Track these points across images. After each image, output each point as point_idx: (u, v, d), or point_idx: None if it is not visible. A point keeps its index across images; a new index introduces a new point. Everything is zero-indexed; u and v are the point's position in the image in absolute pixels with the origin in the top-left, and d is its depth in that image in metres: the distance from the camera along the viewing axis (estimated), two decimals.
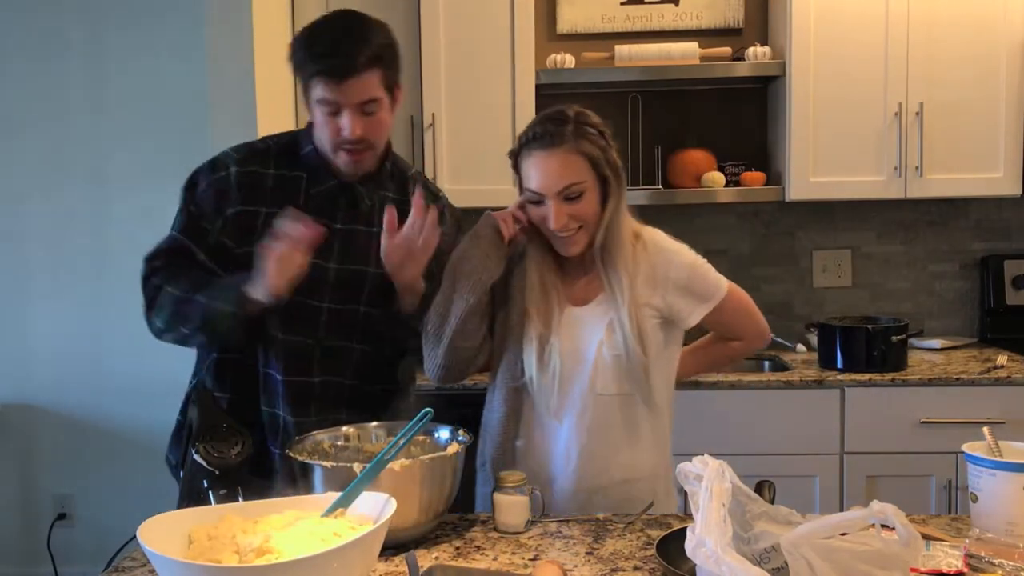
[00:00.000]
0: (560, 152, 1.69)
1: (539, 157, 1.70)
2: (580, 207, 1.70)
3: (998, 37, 3.01)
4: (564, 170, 1.69)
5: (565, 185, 1.69)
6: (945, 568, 1.31)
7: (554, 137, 1.69)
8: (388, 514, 1.26)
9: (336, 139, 1.76)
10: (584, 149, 1.70)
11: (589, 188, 1.71)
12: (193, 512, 1.32)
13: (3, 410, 3.62)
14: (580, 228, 1.72)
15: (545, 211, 1.71)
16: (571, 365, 1.74)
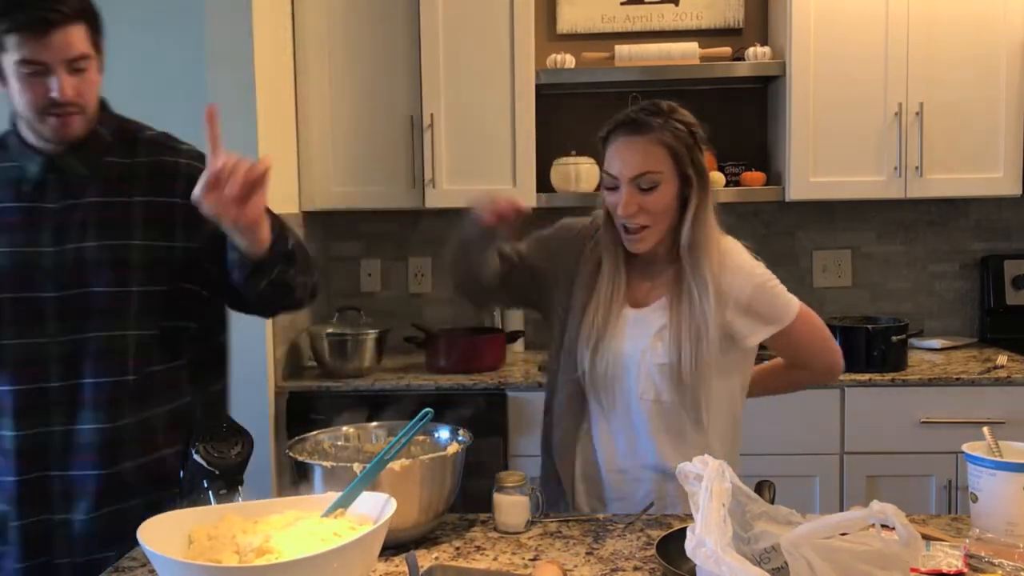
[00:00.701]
0: (643, 140, 1.69)
1: (622, 142, 1.70)
2: (652, 199, 1.68)
3: (998, 37, 3.01)
4: (643, 157, 1.68)
5: (641, 172, 1.67)
6: (945, 568, 1.31)
7: (641, 125, 1.69)
8: (388, 514, 1.25)
9: (42, 102, 1.56)
10: (668, 141, 1.70)
11: (666, 181, 1.69)
12: (193, 512, 1.32)
13: None
14: (647, 227, 1.70)
15: (617, 198, 1.69)
16: (618, 367, 1.73)
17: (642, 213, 1.68)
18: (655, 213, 1.69)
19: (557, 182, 3.18)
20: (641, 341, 1.73)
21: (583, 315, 1.76)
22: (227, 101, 2.78)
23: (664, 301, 1.75)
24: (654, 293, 1.77)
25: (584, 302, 1.76)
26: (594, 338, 1.73)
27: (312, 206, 3.16)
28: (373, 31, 3.10)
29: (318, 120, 3.12)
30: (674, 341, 1.69)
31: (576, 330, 1.76)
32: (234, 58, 2.77)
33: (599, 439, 1.77)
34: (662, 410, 1.73)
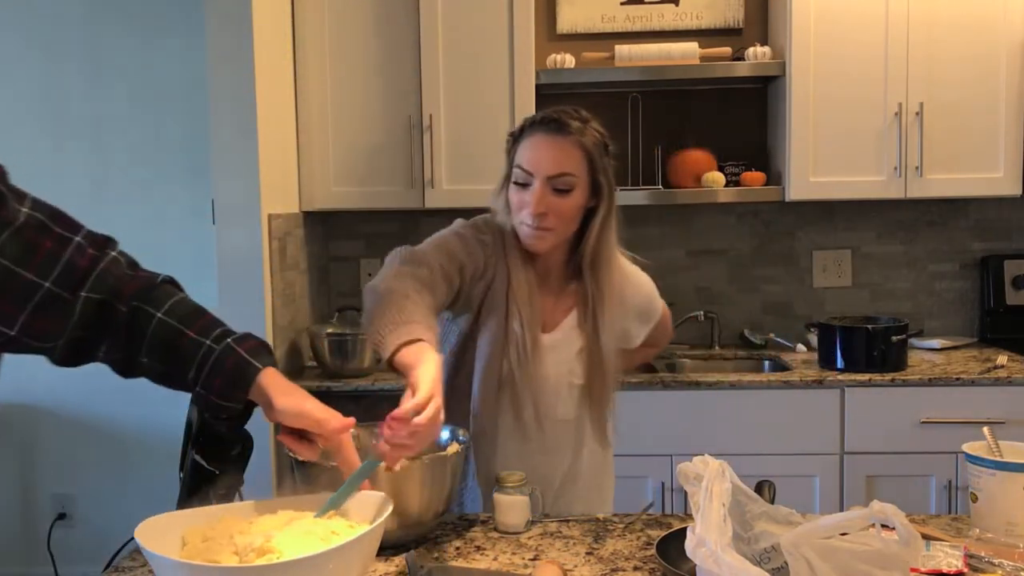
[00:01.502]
0: (564, 140, 1.66)
1: (542, 139, 1.67)
2: (564, 202, 1.66)
3: (998, 37, 3.01)
4: (562, 157, 1.65)
5: (559, 172, 1.65)
6: (945, 568, 1.31)
7: (563, 125, 1.66)
8: (386, 513, 1.25)
9: None
10: (587, 146, 1.67)
11: (578, 187, 1.67)
12: (190, 513, 1.32)
13: (3, 410, 3.62)
14: (551, 230, 1.67)
15: (527, 196, 1.65)
16: (537, 394, 1.74)
17: (551, 215, 1.65)
18: (563, 217, 1.67)
19: None
20: (563, 366, 1.75)
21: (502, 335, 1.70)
22: (227, 101, 2.78)
23: (572, 320, 1.76)
24: (559, 313, 1.77)
25: (500, 322, 1.70)
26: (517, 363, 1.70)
27: (312, 206, 3.16)
28: (373, 31, 3.10)
29: (318, 120, 3.12)
30: (592, 362, 1.74)
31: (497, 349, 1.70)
32: (234, 58, 2.77)
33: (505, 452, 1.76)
34: (576, 427, 1.80)
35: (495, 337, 1.70)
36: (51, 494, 3.65)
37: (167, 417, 3.44)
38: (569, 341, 1.76)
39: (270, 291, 2.85)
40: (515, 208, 1.69)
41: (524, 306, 1.70)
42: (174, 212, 3.53)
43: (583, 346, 1.75)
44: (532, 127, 1.69)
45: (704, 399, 2.82)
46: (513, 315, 1.70)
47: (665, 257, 3.44)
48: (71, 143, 3.53)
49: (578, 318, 1.76)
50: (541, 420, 1.75)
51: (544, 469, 1.77)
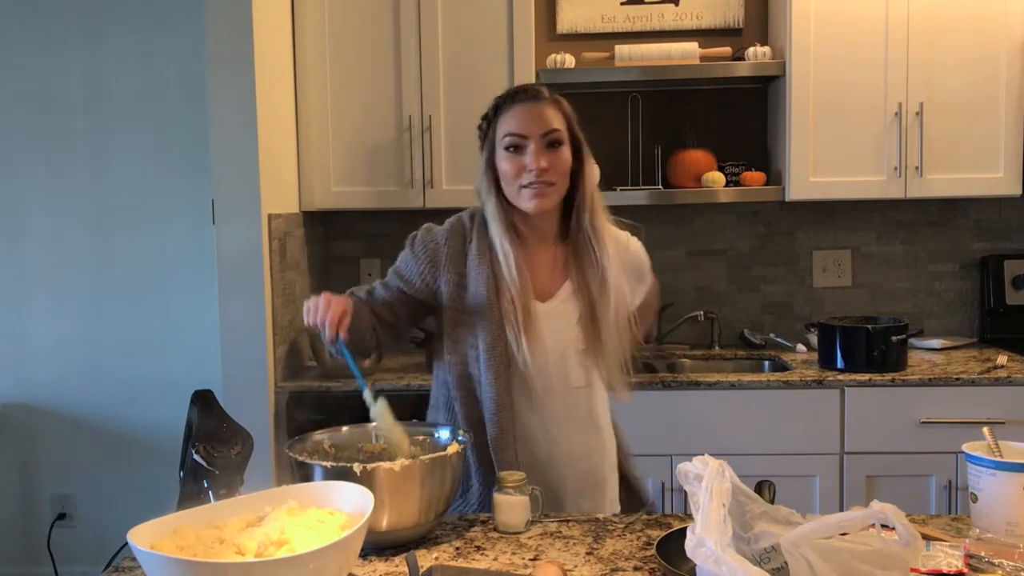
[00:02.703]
0: (543, 103, 1.76)
1: (525, 106, 1.75)
2: (558, 156, 1.74)
3: (998, 37, 3.01)
4: (548, 116, 1.75)
5: (550, 128, 1.73)
6: (945, 568, 1.31)
7: (538, 92, 1.78)
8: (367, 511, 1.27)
9: None
10: (562, 108, 1.78)
11: (565, 142, 1.76)
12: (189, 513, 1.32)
13: (3, 410, 3.62)
14: (554, 184, 1.74)
15: (524, 159, 1.73)
16: (548, 362, 1.77)
17: (551, 170, 1.73)
18: (561, 171, 1.75)
19: None
20: (566, 333, 1.78)
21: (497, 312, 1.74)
22: (227, 101, 2.78)
23: (568, 287, 1.80)
24: (554, 282, 1.81)
25: (491, 299, 1.75)
26: (518, 334, 1.74)
27: (312, 206, 3.16)
28: (373, 31, 3.10)
29: (318, 120, 3.12)
30: (594, 325, 1.77)
31: (494, 327, 1.74)
32: (234, 58, 2.77)
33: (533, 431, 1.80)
34: (589, 395, 1.83)
35: (490, 318, 1.74)
36: (51, 494, 3.65)
37: (167, 417, 3.45)
38: (568, 308, 1.80)
39: (270, 291, 2.85)
40: (512, 175, 1.74)
41: (511, 282, 1.74)
42: (174, 212, 3.53)
43: (583, 309, 1.78)
44: (510, 100, 1.77)
45: (704, 399, 2.82)
46: (503, 293, 1.75)
47: (665, 257, 3.44)
48: (71, 143, 3.53)
49: (574, 283, 1.80)
50: (553, 391, 1.79)
51: (566, 444, 1.80)
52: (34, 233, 3.57)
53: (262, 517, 1.33)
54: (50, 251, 3.57)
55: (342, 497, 1.36)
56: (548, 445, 1.80)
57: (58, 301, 3.58)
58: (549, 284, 1.81)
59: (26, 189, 3.56)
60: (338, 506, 1.35)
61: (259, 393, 2.81)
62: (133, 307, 3.57)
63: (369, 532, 1.33)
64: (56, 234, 3.56)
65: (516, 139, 1.73)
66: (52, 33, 3.50)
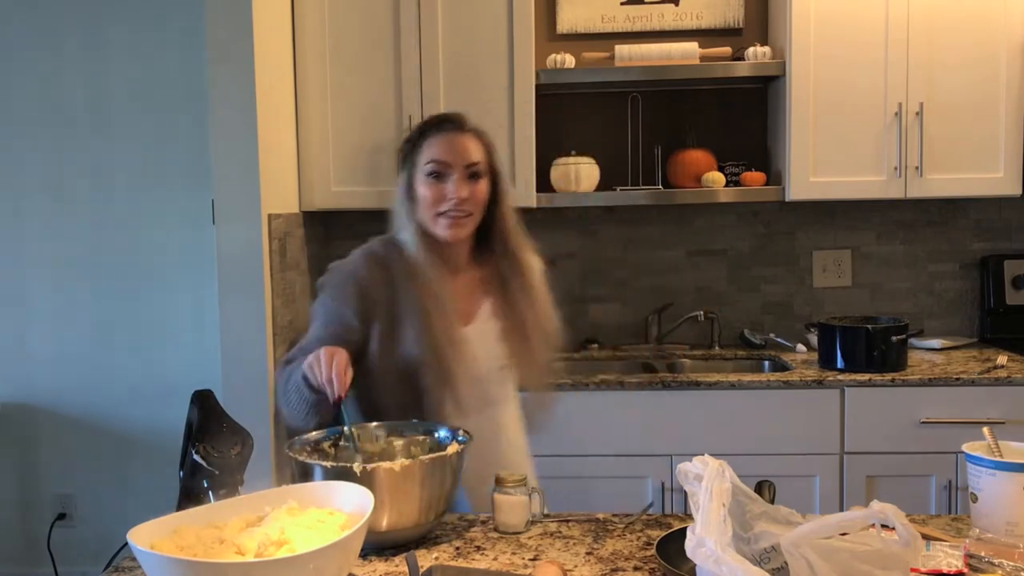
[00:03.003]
0: (467, 135, 1.83)
1: (450, 134, 1.81)
2: (477, 188, 1.81)
3: (998, 37, 3.01)
4: (472, 148, 1.81)
5: (473, 160, 1.80)
6: (945, 568, 1.31)
7: (463, 122, 1.85)
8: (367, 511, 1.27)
9: None
10: (484, 140, 1.85)
11: (485, 175, 1.83)
12: (187, 513, 1.32)
13: (3, 410, 3.62)
14: (471, 215, 1.81)
15: (445, 187, 1.78)
16: (471, 384, 1.82)
17: (470, 200, 1.79)
18: (479, 202, 1.82)
19: (557, 182, 3.18)
20: (489, 351, 1.85)
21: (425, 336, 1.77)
22: (227, 101, 2.78)
23: (488, 308, 1.87)
24: (473, 304, 1.87)
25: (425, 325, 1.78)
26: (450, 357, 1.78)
27: (312, 206, 3.16)
28: (373, 31, 3.10)
29: (318, 120, 3.12)
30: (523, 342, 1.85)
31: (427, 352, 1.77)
32: (234, 58, 2.76)
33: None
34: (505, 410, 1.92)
35: (419, 342, 1.78)
36: (51, 494, 3.65)
37: (167, 417, 3.45)
38: (488, 328, 1.87)
39: (270, 291, 2.85)
40: (431, 202, 1.79)
41: (438, 308, 1.79)
42: (174, 212, 3.53)
43: (507, 328, 1.86)
44: (436, 127, 1.83)
45: (704, 399, 2.82)
46: (433, 319, 1.78)
47: (665, 257, 3.44)
48: (70, 142, 3.53)
49: (494, 304, 1.87)
50: (482, 407, 1.86)
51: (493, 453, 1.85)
52: (34, 233, 3.57)
53: (262, 517, 1.33)
54: (50, 251, 3.57)
55: (342, 497, 1.36)
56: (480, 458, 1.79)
57: (58, 301, 3.58)
58: (468, 307, 1.87)
59: (26, 189, 3.56)
60: (338, 506, 1.35)
61: (259, 393, 2.81)
62: (133, 307, 3.57)
63: (369, 532, 1.33)
64: (56, 234, 3.56)
65: (439, 167, 1.79)
66: (52, 33, 3.50)
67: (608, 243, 3.45)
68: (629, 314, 3.46)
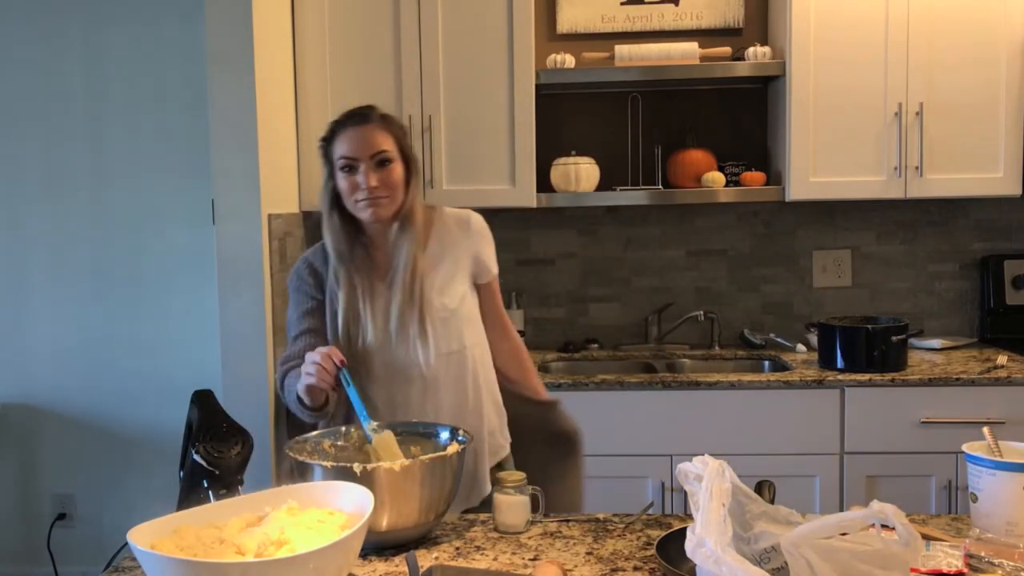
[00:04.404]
0: (371, 126, 1.93)
1: (353, 130, 1.93)
2: (388, 174, 1.92)
3: (998, 37, 3.01)
4: (377, 138, 1.92)
5: (378, 150, 1.91)
6: (945, 568, 1.31)
7: (365, 116, 1.95)
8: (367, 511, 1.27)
9: None
10: (391, 129, 1.96)
11: (395, 160, 1.93)
12: (187, 513, 1.32)
13: (3, 410, 3.62)
14: (387, 197, 1.92)
15: (356, 178, 1.91)
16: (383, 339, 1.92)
17: (382, 186, 1.91)
18: (391, 185, 1.92)
19: (557, 182, 3.19)
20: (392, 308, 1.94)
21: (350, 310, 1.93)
22: (227, 101, 2.78)
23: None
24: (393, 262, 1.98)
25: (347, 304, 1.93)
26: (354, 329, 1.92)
27: (312, 206, 3.15)
28: (373, 31, 3.10)
29: (318, 120, 3.12)
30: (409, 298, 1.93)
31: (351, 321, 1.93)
32: (234, 58, 2.76)
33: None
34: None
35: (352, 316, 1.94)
36: (51, 494, 3.65)
37: (167, 417, 3.45)
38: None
39: (270, 291, 2.85)
40: (348, 193, 1.94)
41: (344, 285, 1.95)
42: (174, 212, 3.53)
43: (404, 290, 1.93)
44: (341, 124, 1.96)
45: (704, 399, 2.82)
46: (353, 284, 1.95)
47: (665, 257, 3.45)
48: (71, 142, 3.53)
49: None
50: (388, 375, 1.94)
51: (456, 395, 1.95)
52: (34, 233, 3.57)
53: (262, 517, 1.33)
54: (50, 251, 3.57)
55: (342, 497, 1.36)
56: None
57: (58, 301, 3.58)
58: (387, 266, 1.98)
59: (26, 189, 3.56)
60: (338, 506, 1.35)
61: (259, 393, 2.81)
62: (133, 307, 3.57)
63: (369, 532, 1.33)
64: (56, 234, 3.56)
65: (348, 161, 1.92)
66: (52, 32, 3.50)
67: (608, 243, 3.45)
68: (629, 314, 3.46)
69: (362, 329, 1.91)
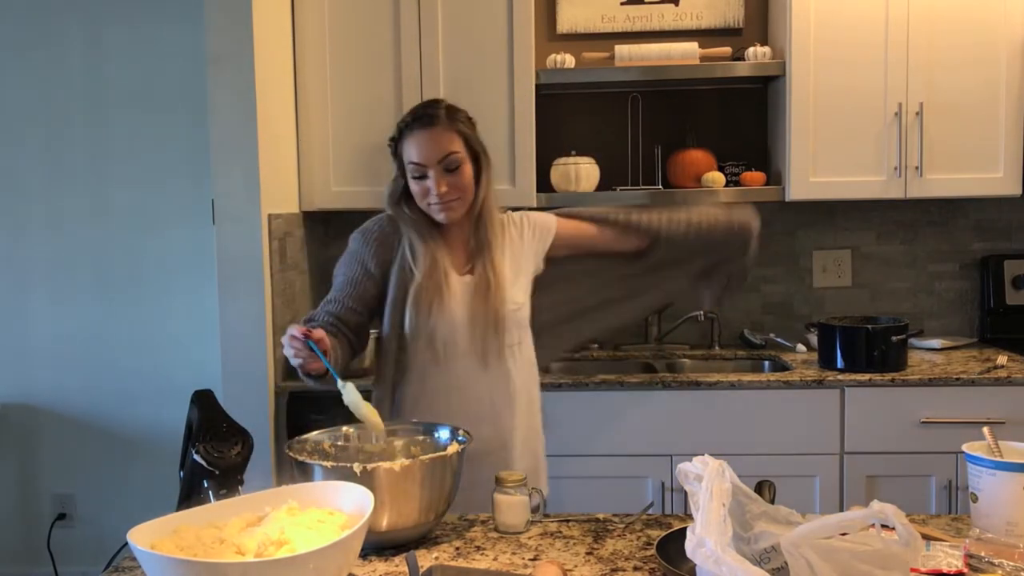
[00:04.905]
0: (438, 129, 1.92)
1: (419, 135, 1.92)
2: (458, 177, 1.93)
3: (998, 37, 3.01)
4: (442, 141, 1.91)
5: (445, 154, 1.91)
6: (945, 568, 1.31)
7: (431, 117, 1.93)
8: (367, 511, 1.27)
9: None
10: (458, 127, 1.95)
11: (465, 160, 1.94)
12: (187, 513, 1.32)
13: (3, 410, 3.62)
14: (458, 199, 1.93)
15: (428, 184, 1.92)
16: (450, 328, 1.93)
17: (452, 190, 1.92)
18: (461, 188, 1.94)
19: (557, 182, 3.19)
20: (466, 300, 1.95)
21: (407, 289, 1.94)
22: (227, 101, 2.78)
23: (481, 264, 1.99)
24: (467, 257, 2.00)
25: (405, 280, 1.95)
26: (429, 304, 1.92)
27: (312, 206, 3.16)
28: (373, 31, 3.10)
29: (318, 120, 3.12)
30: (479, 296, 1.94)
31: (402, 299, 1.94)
32: (234, 58, 2.77)
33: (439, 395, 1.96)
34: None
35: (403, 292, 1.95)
36: (51, 494, 3.66)
37: (167, 417, 3.45)
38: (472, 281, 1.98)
39: (270, 291, 2.85)
40: (419, 196, 1.95)
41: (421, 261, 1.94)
42: (174, 212, 3.53)
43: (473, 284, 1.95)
44: (408, 127, 1.95)
45: (704, 399, 2.82)
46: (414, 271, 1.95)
47: None
48: (71, 142, 3.53)
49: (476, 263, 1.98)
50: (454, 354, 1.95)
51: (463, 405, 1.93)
52: (34, 233, 3.57)
53: (262, 517, 1.33)
54: (50, 251, 3.57)
55: (342, 497, 1.36)
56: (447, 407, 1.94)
57: (58, 301, 3.58)
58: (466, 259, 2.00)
59: (26, 189, 3.56)
60: (338, 506, 1.35)
61: (259, 393, 2.81)
62: (133, 307, 3.57)
63: (369, 532, 1.33)
64: (56, 234, 3.56)
65: (417, 168, 1.92)
66: (52, 33, 3.50)
67: None
68: None
69: (433, 308, 1.92)
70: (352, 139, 3.12)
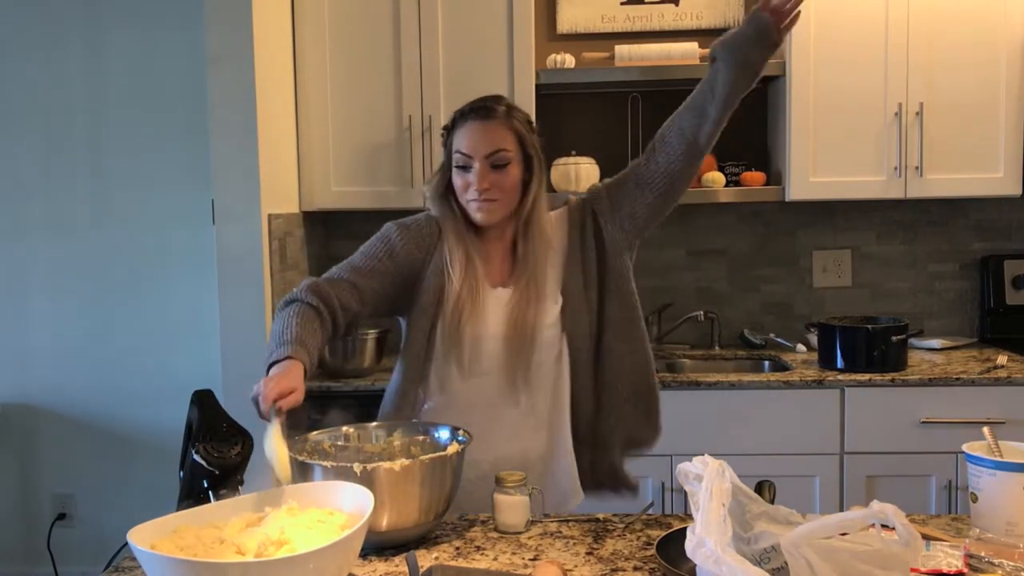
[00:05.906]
0: (493, 123, 1.82)
1: (473, 125, 1.83)
2: (503, 176, 1.81)
3: (998, 37, 3.01)
4: (495, 137, 1.81)
5: (494, 150, 1.80)
6: (945, 568, 1.31)
7: (489, 111, 1.84)
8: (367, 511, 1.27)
9: None
10: (514, 126, 1.84)
11: (514, 161, 1.82)
12: (187, 513, 1.32)
13: (3, 410, 3.62)
14: (497, 200, 1.82)
15: (470, 177, 1.81)
16: (479, 342, 1.83)
17: (494, 188, 1.81)
18: (505, 189, 1.82)
19: (557, 182, 3.18)
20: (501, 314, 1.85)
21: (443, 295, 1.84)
22: (227, 101, 2.78)
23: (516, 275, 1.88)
24: (506, 267, 1.89)
25: (440, 285, 1.84)
26: (460, 314, 1.82)
27: (312, 206, 3.16)
28: (373, 31, 3.10)
29: (318, 120, 3.12)
30: (515, 315, 1.83)
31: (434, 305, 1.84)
32: (234, 58, 2.77)
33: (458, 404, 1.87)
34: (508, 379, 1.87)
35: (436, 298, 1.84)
36: (51, 494, 3.65)
37: (167, 417, 3.45)
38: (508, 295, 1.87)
39: (270, 291, 2.85)
40: (460, 190, 1.84)
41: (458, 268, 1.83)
42: (174, 212, 3.53)
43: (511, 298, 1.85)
44: (463, 116, 1.85)
45: (704, 399, 2.82)
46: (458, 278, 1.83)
47: (665, 257, 3.44)
48: (70, 142, 3.53)
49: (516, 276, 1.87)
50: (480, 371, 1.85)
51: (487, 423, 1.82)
52: (34, 233, 3.57)
53: (262, 517, 1.33)
54: (50, 251, 3.57)
55: (342, 497, 1.36)
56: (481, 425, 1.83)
57: (58, 301, 3.58)
58: (502, 271, 1.89)
59: (26, 189, 3.56)
60: (338, 506, 1.35)
61: None
62: (133, 307, 3.57)
63: (369, 532, 1.33)
64: (56, 234, 3.56)
65: (463, 158, 1.82)
66: (52, 33, 3.50)
67: None
68: None
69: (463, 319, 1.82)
70: (352, 139, 3.12)
